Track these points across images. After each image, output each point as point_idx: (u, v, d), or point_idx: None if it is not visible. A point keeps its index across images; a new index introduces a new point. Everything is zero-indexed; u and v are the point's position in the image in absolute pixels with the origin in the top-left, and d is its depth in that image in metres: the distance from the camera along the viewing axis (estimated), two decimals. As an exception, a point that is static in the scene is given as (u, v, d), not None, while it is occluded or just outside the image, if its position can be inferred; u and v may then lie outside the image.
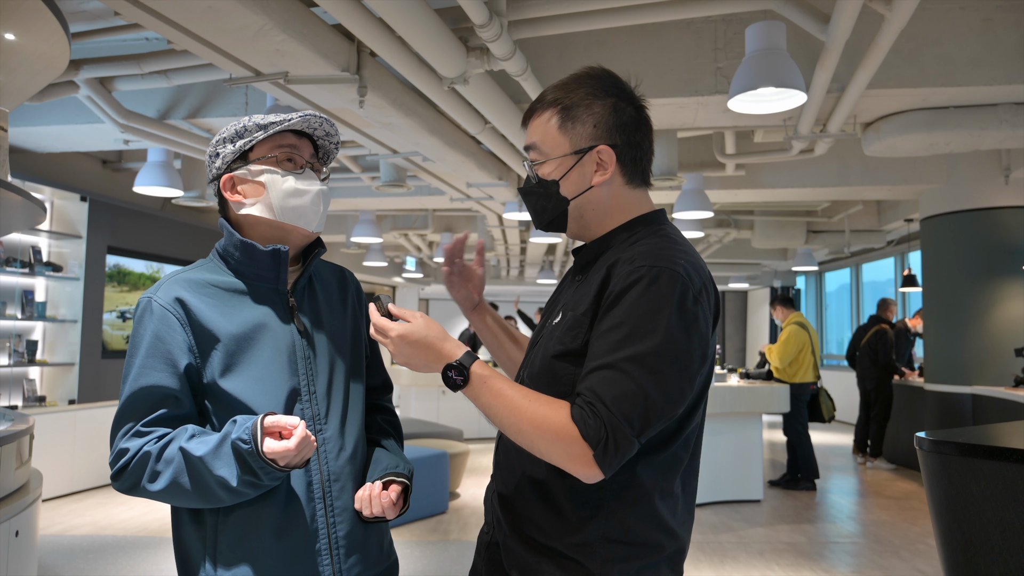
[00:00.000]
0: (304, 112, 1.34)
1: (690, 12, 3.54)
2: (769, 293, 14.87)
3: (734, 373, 7.06)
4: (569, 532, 1.19)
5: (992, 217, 6.21)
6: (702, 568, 4.24)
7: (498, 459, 1.35)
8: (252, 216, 1.34)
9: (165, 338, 1.25)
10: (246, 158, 1.34)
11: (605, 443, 1.08)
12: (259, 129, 1.32)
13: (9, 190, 2.89)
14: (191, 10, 2.88)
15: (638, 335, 1.11)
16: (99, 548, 4.52)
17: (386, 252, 12.64)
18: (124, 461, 1.22)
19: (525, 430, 1.12)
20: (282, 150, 1.34)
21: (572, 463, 1.10)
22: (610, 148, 1.26)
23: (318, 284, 1.43)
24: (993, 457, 2.20)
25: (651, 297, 1.13)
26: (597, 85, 1.30)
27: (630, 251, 1.21)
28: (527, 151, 1.33)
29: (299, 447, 1.17)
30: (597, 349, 1.14)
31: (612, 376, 1.10)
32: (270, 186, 1.32)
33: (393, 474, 1.35)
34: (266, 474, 1.17)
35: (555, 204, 1.30)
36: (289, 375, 1.30)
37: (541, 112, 1.30)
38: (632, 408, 1.09)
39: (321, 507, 1.28)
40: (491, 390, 1.16)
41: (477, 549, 1.38)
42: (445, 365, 1.18)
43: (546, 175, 1.29)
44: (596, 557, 1.18)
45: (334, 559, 1.28)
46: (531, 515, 1.23)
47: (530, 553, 1.23)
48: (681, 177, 5.52)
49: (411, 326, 1.19)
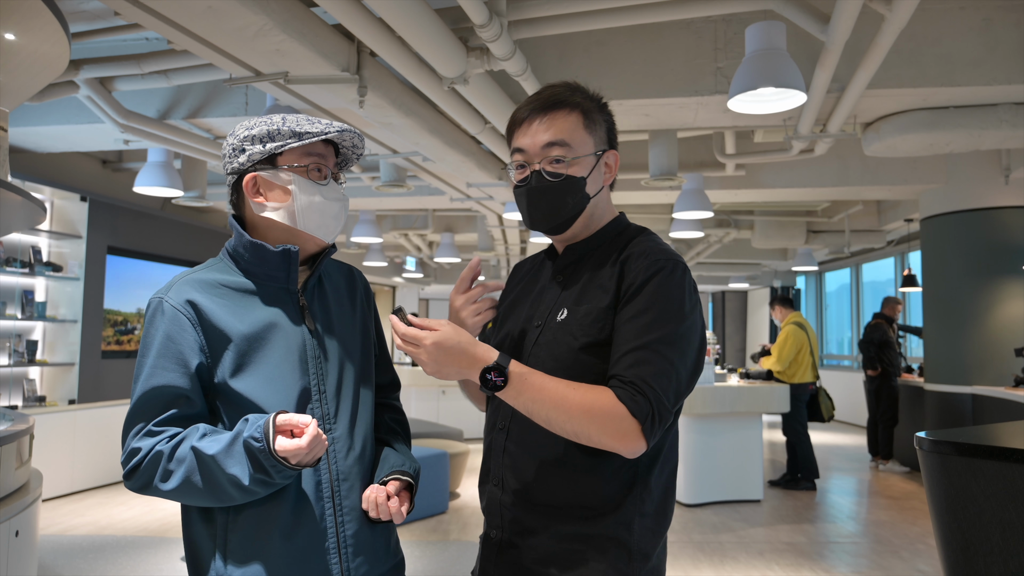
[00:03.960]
0: (342, 126, 1.34)
1: (690, 12, 3.54)
2: (769, 293, 14.86)
3: (734, 373, 7.06)
4: (609, 512, 1.26)
5: (992, 217, 6.21)
6: (702, 568, 4.24)
7: (509, 462, 1.34)
8: (271, 220, 1.34)
9: (176, 338, 1.26)
10: (274, 161, 1.33)
11: (652, 417, 1.18)
12: (293, 136, 1.31)
13: (9, 190, 2.89)
14: (191, 10, 2.88)
15: (665, 319, 1.23)
16: (99, 548, 4.52)
17: (386, 252, 12.64)
18: (136, 460, 1.23)
19: (575, 417, 1.18)
20: (312, 159, 1.34)
21: (622, 440, 1.18)
22: (616, 153, 1.39)
23: (327, 283, 1.43)
24: (993, 457, 2.20)
25: (672, 285, 1.26)
26: (596, 97, 1.39)
27: (637, 247, 1.32)
28: (549, 147, 1.32)
29: (310, 445, 1.18)
30: (627, 333, 1.24)
31: (648, 356, 1.21)
32: (297, 195, 1.32)
33: (399, 472, 1.36)
34: (277, 472, 1.18)
35: (578, 200, 1.35)
36: (300, 375, 1.31)
37: (568, 111, 1.33)
38: (668, 384, 1.20)
39: (330, 506, 1.29)
40: (532, 386, 1.20)
41: (484, 554, 1.37)
42: (483, 368, 1.20)
43: (575, 172, 1.34)
44: (634, 533, 1.26)
45: (342, 558, 1.29)
46: (566, 506, 1.27)
47: (566, 544, 1.26)
48: (681, 177, 5.52)
49: (443, 333, 1.20)
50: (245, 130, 1.33)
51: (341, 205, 1.38)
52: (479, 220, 9.47)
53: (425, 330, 1.21)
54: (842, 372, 12.20)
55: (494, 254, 11.42)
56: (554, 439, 1.24)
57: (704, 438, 5.88)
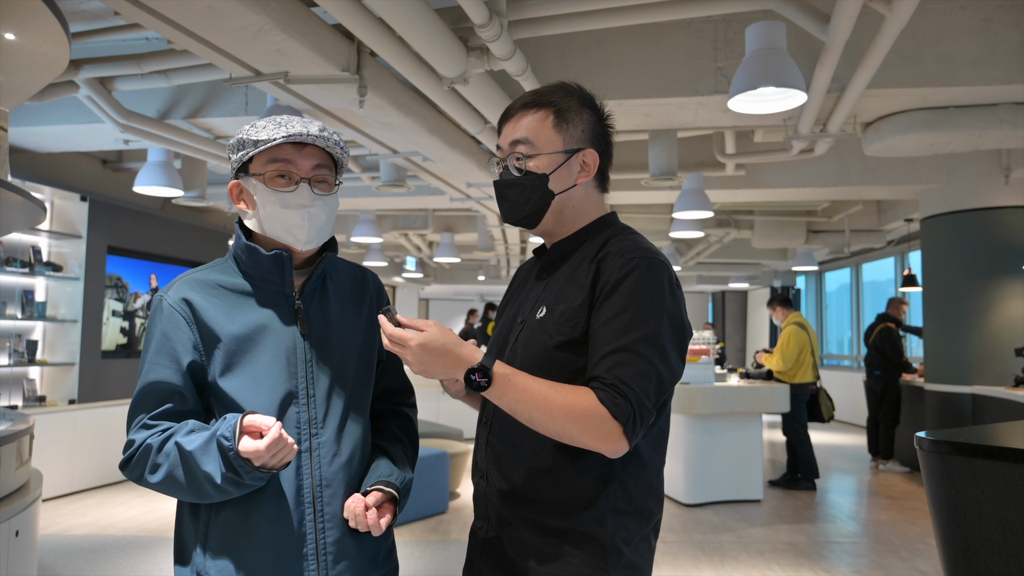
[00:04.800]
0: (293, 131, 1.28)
1: (690, 12, 3.54)
2: (769, 293, 14.86)
3: (734, 373, 7.06)
4: (583, 508, 1.27)
5: (992, 217, 6.21)
6: (702, 568, 4.24)
7: (493, 456, 1.36)
8: None
9: (171, 336, 1.29)
10: (247, 169, 1.34)
11: (632, 418, 1.19)
12: (252, 144, 1.31)
13: (9, 190, 2.89)
14: (191, 10, 2.88)
15: (643, 318, 1.23)
16: (99, 548, 4.52)
17: (386, 252, 12.64)
18: (131, 451, 1.27)
19: (557, 418, 1.19)
20: (275, 165, 1.31)
21: (603, 441, 1.19)
22: (596, 152, 1.39)
23: (332, 286, 1.42)
24: (993, 457, 2.20)
25: (648, 283, 1.26)
26: (583, 96, 1.40)
27: (614, 246, 1.32)
28: (515, 145, 1.37)
29: (269, 449, 1.17)
30: (606, 335, 1.24)
31: (627, 358, 1.21)
32: (259, 203, 1.33)
33: (383, 483, 1.33)
34: (246, 473, 1.18)
35: (541, 196, 1.37)
36: (287, 377, 1.31)
37: (536, 110, 1.37)
38: (648, 384, 1.21)
39: (310, 512, 1.28)
40: (516, 387, 1.21)
41: (472, 545, 1.40)
42: (468, 369, 1.21)
43: (536, 168, 1.36)
44: (607, 528, 1.27)
45: (320, 565, 1.28)
46: (543, 501, 1.29)
47: (544, 537, 1.28)
48: (681, 177, 5.52)
49: (429, 334, 1.20)
50: (232, 138, 1.36)
51: (306, 212, 1.31)
52: (479, 220, 9.47)
53: (413, 330, 1.21)
54: (842, 372, 12.19)
55: (494, 254, 11.42)
56: (531, 435, 1.26)
57: (704, 438, 5.88)
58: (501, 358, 1.37)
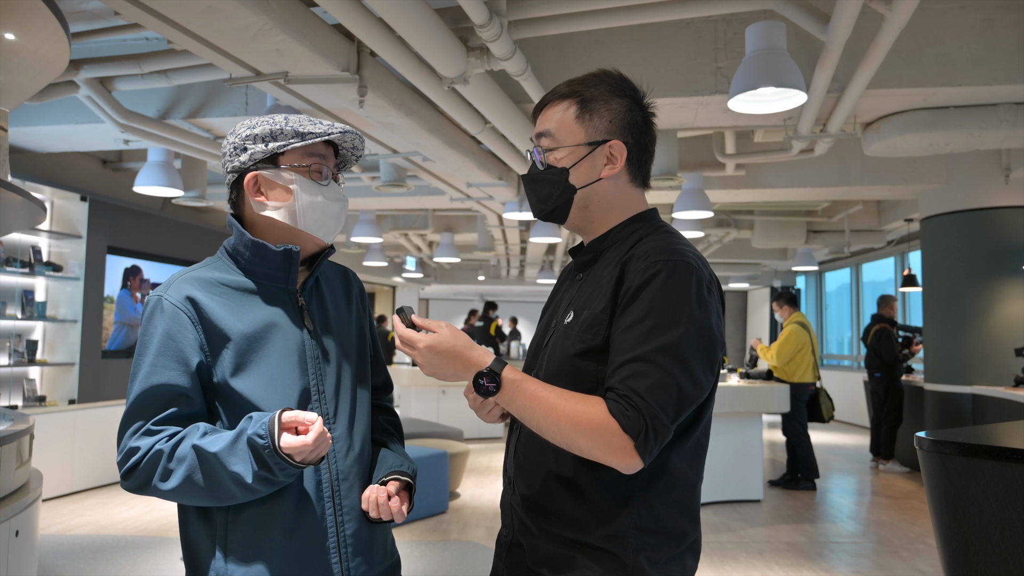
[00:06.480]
0: (344, 127, 1.34)
1: (690, 12, 3.54)
2: (769, 293, 14.86)
3: (734, 373, 7.06)
4: (602, 524, 1.21)
5: (992, 217, 6.21)
6: (702, 568, 4.24)
7: (518, 462, 1.34)
8: (271, 219, 1.34)
9: (177, 336, 1.25)
10: (275, 161, 1.33)
11: (645, 433, 1.11)
12: (296, 136, 1.31)
13: (9, 190, 2.89)
14: (191, 10, 2.88)
15: (663, 326, 1.15)
16: (99, 548, 4.52)
17: (386, 252, 12.64)
18: (135, 460, 1.22)
19: (564, 428, 1.14)
20: (314, 159, 1.34)
21: (614, 455, 1.12)
22: (623, 144, 1.30)
23: (324, 285, 1.44)
24: (993, 457, 2.20)
25: (671, 289, 1.17)
26: (616, 84, 1.34)
27: (641, 247, 1.24)
28: (539, 138, 1.34)
29: (316, 442, 1.18)
30: (624, 343, 1.17)
31: (644, 368, 1.13)
32: (298, 195, 1.32)
33: (398, 472, 1.37)
34: (281, 470, 1.18)
35: (562, 191, 1.32)
36: (300, 375, 1.31)
37: (559, 101, 1.32)
38: (666, 397, 1.13)
39: (330, 506, 1.29)
40: (525, 393, 1.17)
41: (497, 552, 1.40)
42: (476, 373, 1.19)
43: (556, 161, 1.31)
44: (628, 547, 1.20)
45: (342, 557, 1.29)
46: (561, 512, 1.25)
47: (562, 549, 1.24)
48: (681, 177, 5.52)
49: (438, 336, 1.20)
50: (247, 129, 1.32)
51: (341, 206, 1.38)
52: (479, 220, 9.47)
53: (424, 331, 1.21)
54: (842, 372, 12.19)
55: (494, 254, 11.42)
56: (552, 445, 1.21)
57: (704, 438, 5.87)
58: (534, 363, 1.36)
